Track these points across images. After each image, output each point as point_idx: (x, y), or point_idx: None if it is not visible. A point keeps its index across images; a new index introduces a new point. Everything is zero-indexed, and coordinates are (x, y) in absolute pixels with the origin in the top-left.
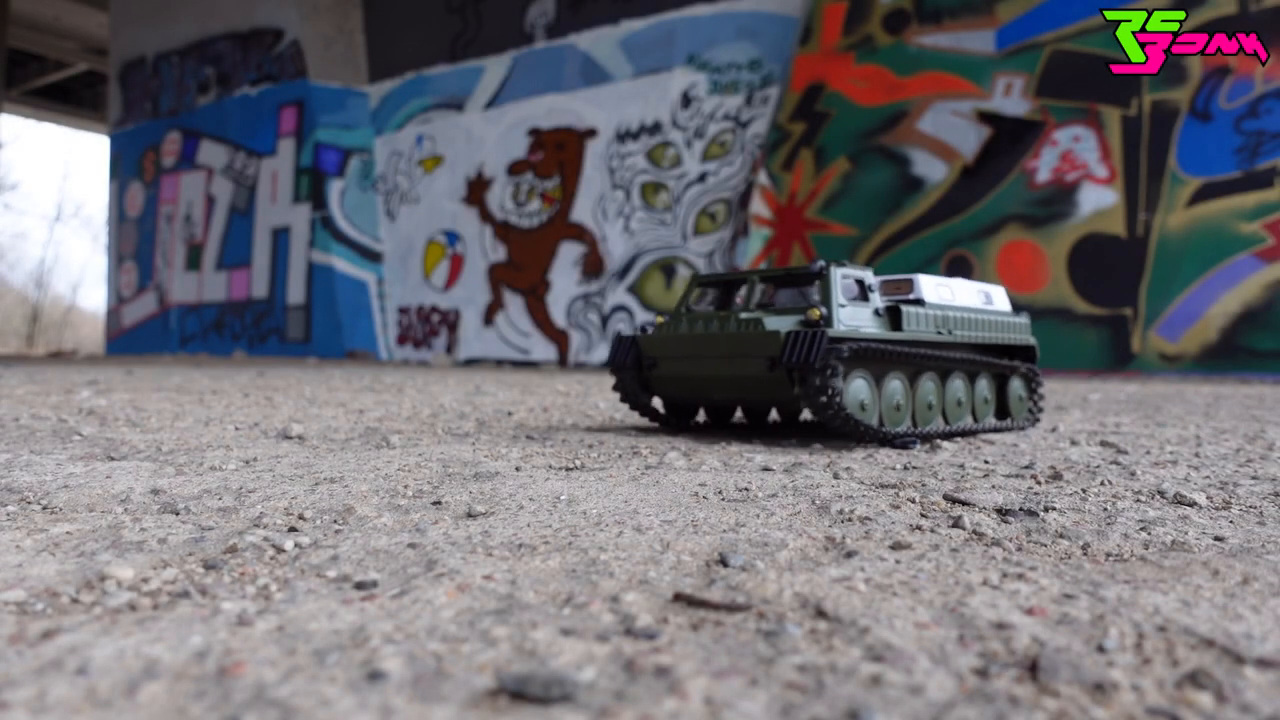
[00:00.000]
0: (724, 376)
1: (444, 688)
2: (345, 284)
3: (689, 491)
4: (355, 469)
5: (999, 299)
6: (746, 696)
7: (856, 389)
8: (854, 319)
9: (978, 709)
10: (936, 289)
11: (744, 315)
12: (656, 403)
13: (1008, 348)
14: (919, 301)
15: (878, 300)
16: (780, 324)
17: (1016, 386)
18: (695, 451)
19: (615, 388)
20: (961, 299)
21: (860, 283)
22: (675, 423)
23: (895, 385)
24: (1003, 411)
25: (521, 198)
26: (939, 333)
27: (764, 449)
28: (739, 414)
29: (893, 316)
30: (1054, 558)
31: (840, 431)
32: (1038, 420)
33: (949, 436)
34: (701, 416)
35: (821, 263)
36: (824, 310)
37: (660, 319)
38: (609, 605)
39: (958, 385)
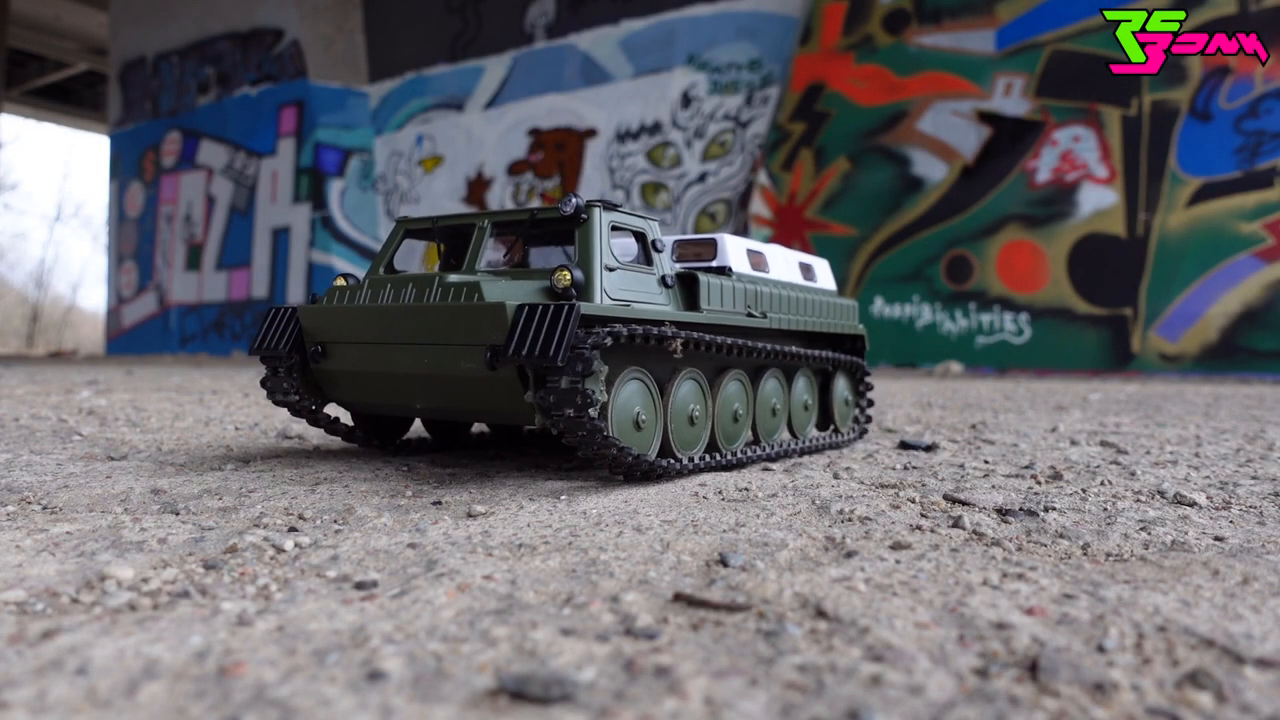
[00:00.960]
0: (423, 375)
1: (444, 688)
2: None
3: (689, 491)
4: (355, 469)
5: (823, 274)
6: (746, 696)
7: (628, 397)
8: (627, 289)
9: (978, 709)
10: (747, 255)
11: (454, 278)
12: (337, 412)
13: (833, 337)
14: (724, 270)
15: (667, 265)
16: (511, 292)
17: (841, 388)
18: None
19: (264, 385)
20: (779, 271)
21: (641, 237)
22: (374, 440)
23: (688, 389)
24: (824, 420)
25: (522, 198)
26: (750, 314)
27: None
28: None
29: (687, 289)
30: (1054, 558)
31: (595, 460)
32: (865, 431)
33: (760, 461)
34: (419, 431)
35: (577, 200)
36: (577, 274)
37: (342, 280)
38: (609, 605)
39: (772, 387)
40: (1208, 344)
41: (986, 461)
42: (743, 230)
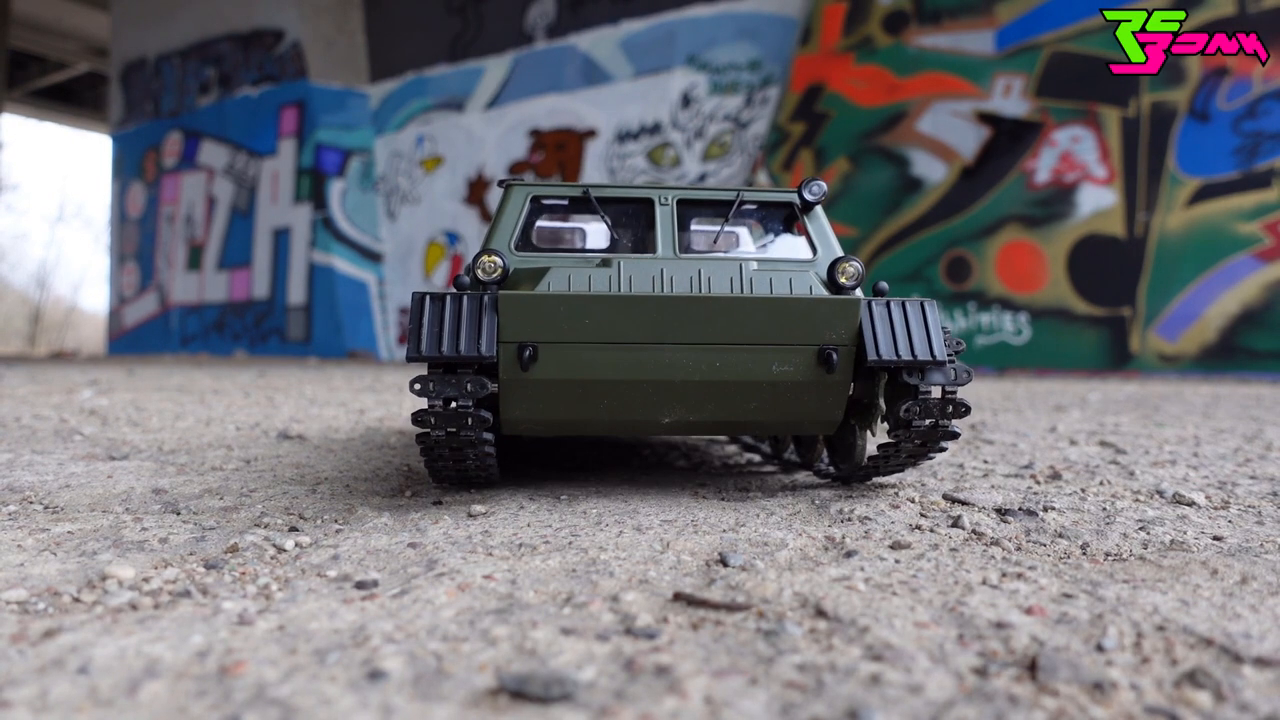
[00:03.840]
0: (703, 383)
1: (444, 687)
2: (346, 284)
3: (689, 491)
4: (356, 469)
5: None
6: (746, 696)
7: None
8: None
9: (977, 708)
10: None
11: (756, 267)
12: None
13: None
14: None
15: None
16: (815, 282)
17: None
18: (696, 450)
19: (428, 401)
20: None
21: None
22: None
23: None
24: None
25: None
26: None
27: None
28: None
29: None
30: (1053, 557)
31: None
32: None
33: None
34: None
35: (823, 185)
36: (859, 265)
37: (494, 258)
38: (609, 605)
39: None
40: (1206, 344)
41: (986, 461)
42: None
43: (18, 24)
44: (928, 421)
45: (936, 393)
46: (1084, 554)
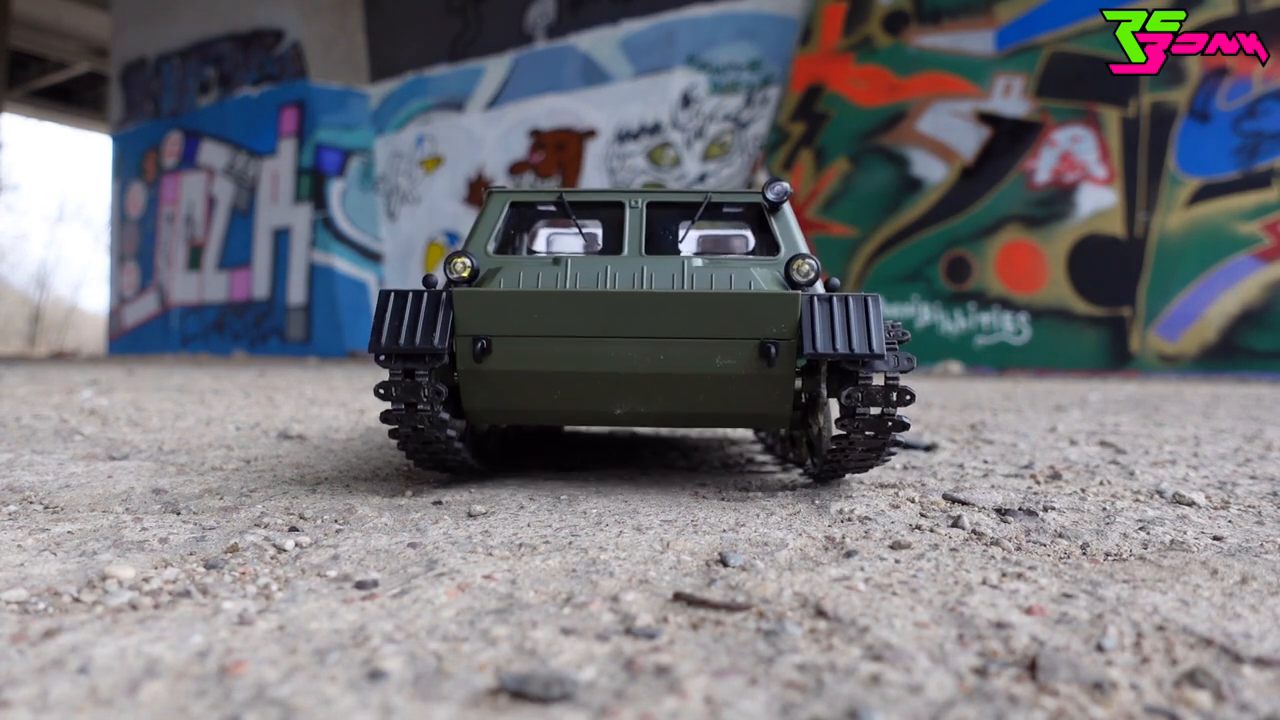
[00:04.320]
0: (649, 375)
1: (444, 687)
2: (346, 284)
3: (689, 491)
4: (356, 469)
5: None
6: (746, 696)
7: None
8: None
9: (977, 708)
10: None
11: (700, 263)
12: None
13: None
14: None
15: None
16: (757, 278)
17: None
18: (695, 450)
19: (389, 396)
20: None
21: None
22: (487, 466)
23: None
24: None
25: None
26: None
27: (761, 445)
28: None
29: None
30: (1053, 557)
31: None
32: None
33: None
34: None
35: (786, 185)
36: (815, 263)
37: (464, 259)
38: (609, 605)
39: None
40: (1206, 344)
41: (986, 461)
42: None
43: (18, 24)
44: (873, 410)
45: (879, 380)
46: (1084, 554)
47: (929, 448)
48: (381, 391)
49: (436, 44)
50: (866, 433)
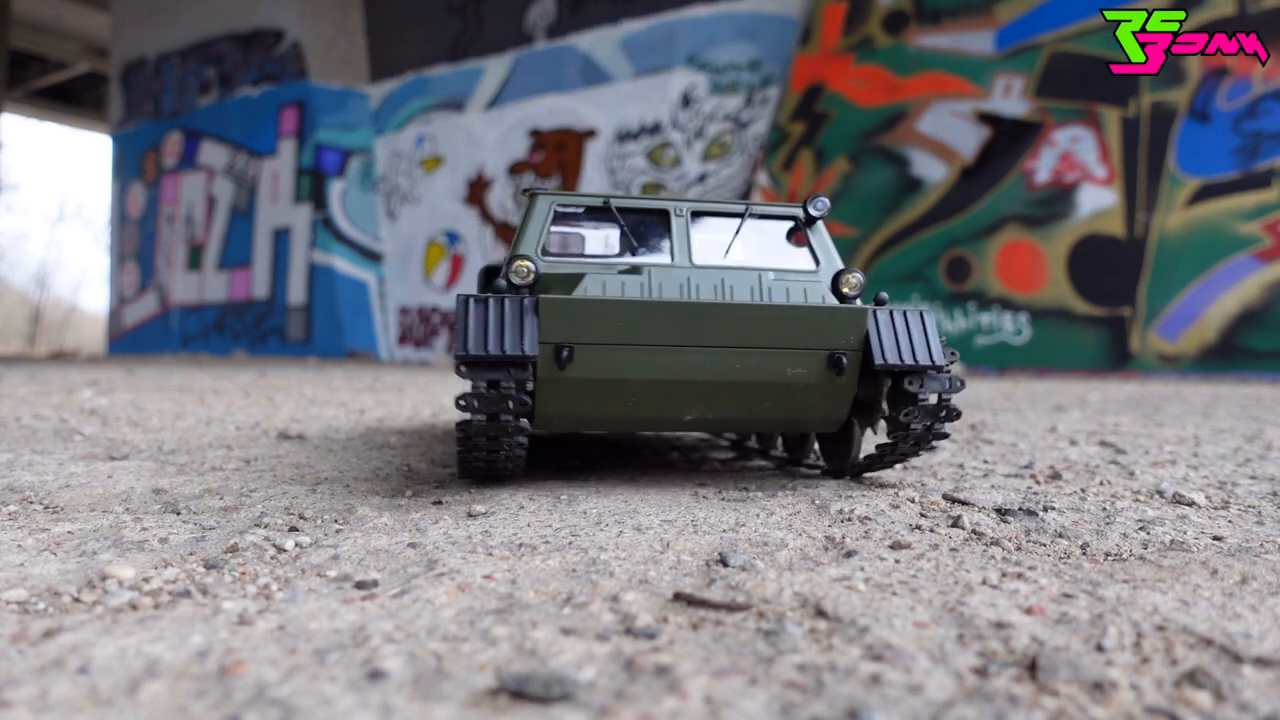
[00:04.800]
0: (721, 383)
1: (444, 687)
2: (346, 284)
3: (689, 491)
4: (356, 469)
5: None
6: (746, 696)
7: None
8: None
9: (977, 708)
10: None
11: (773, 276)
12: None
13: None
14: None
15: None
16: (825, 292)
17: None
18: (695, 449)
19: (474, 407)
20: None
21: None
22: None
23: None
24: None
25: (522, 198)
26: None
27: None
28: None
29: None
30: (1053, 557)
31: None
32: None
33: None
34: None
35: (824, 202)
36: (861, 276)
37: (524, 265)
38: (609, 605)
39: None
40: (1206, 344)
41: (986, 461)
42: None
43: (18, 24)
44: (924, 424)
45: (933, 399)
46: (1084, 554)
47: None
48: (464, 403)
49: (436, 44)
50: (911, 443)
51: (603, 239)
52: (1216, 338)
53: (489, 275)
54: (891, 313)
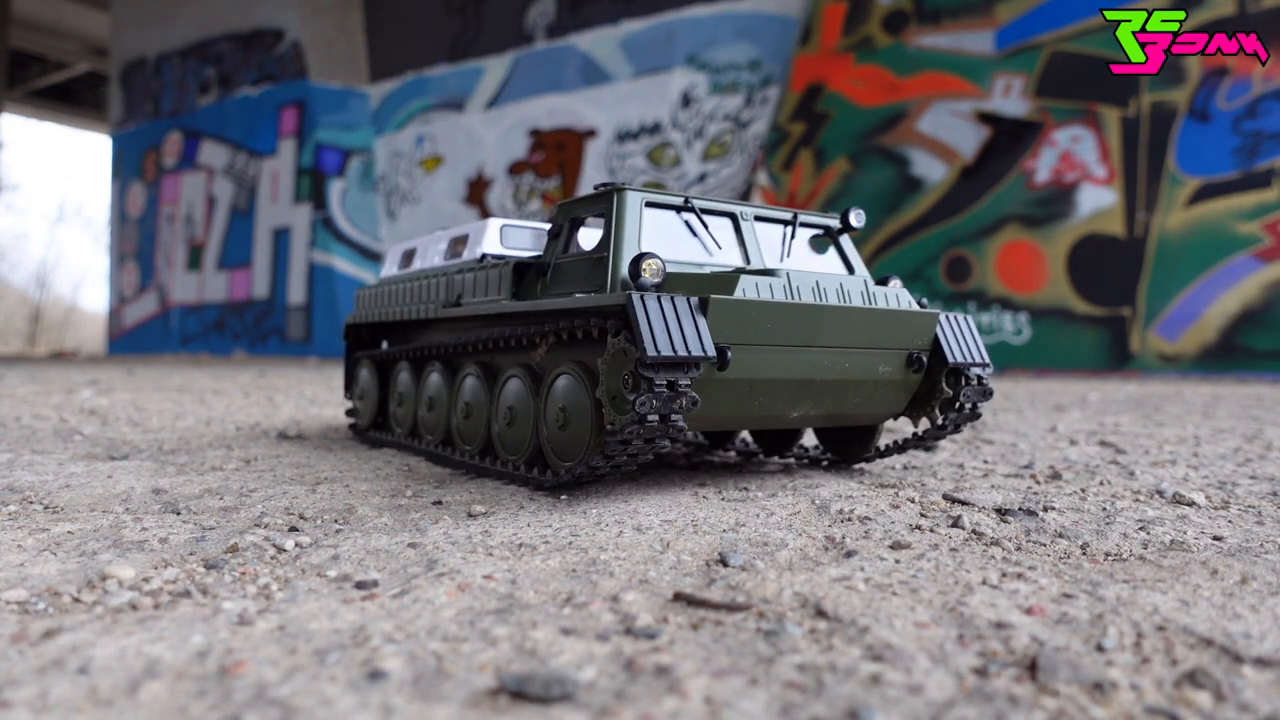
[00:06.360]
0: (830, 381)
1: (444, 687)
2: (346, 284)
3: (689, 491)
4: (356, 469)
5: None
6: (746, 696)
7: None
8: None
9: (977, 708)
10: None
11: (871, 282)
12: None
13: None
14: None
15: None
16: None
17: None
18: (695, 449)
19: (650, 407)
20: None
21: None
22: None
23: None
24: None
25: (522, 198)
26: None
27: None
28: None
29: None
30: (1053, 557)
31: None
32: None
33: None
34: None
35: (861, 215)
36: (897, 282)
37: (656, 265)
38: (609, 605)
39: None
40: (1206, 344)
41: (986, 461)
42: None
43: (18, 24)
44: (973, 402)
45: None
46: (1084, 554)
47: (929, 448)
48: (642, 403)
49: (436, 44)
50: (960, 424)
51: (685, 239)
52: (1216, 338)
53: (518, 273)
54: (952, 318)
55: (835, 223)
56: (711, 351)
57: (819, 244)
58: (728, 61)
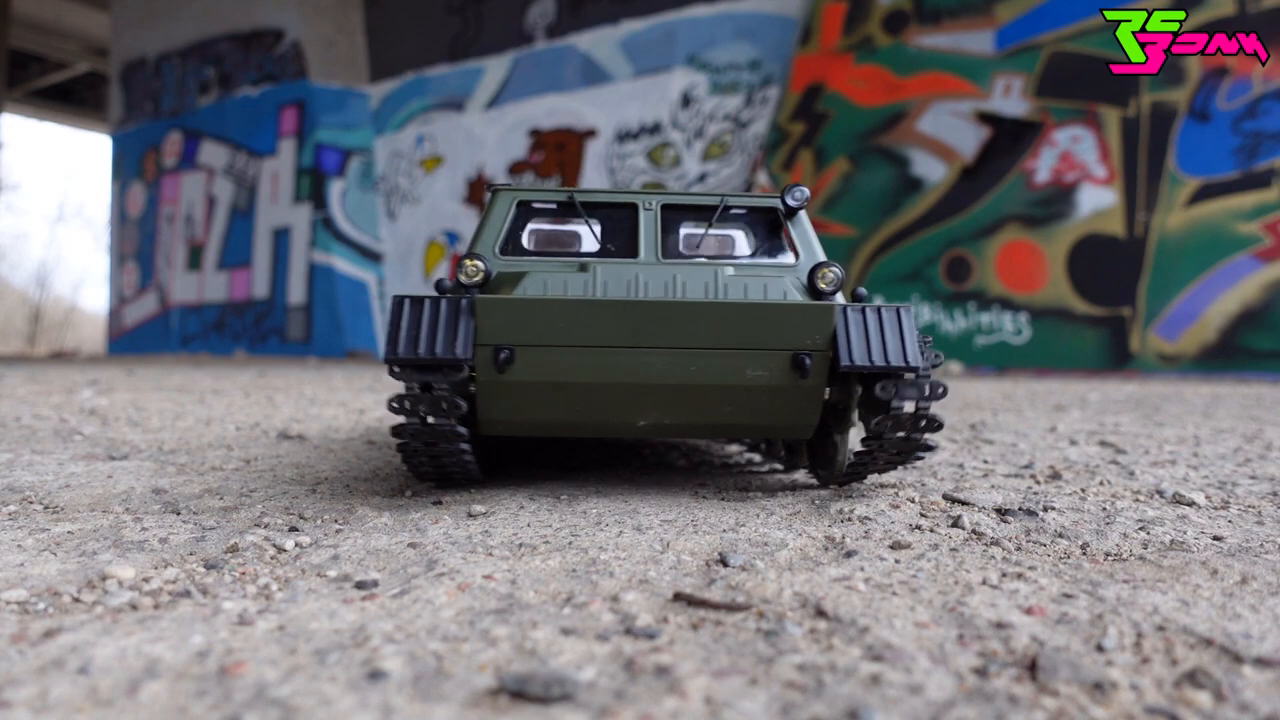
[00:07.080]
0: (674, 386)
1: (444, 687)
2: (346, 284)
3: (689, 491)
4: (356, 469)
5: None
6: (746, 696)
7: None
8: None
9: (977, 708)
10: None
11: (731, 271)
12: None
13: None
14: None
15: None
16: (789, 288)
17: None
18: (695, 450)
19: (405, 410)
20: None
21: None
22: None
23: None
24: None
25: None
26: None
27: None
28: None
29: None
30: (1053, 557)
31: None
32: None
33: None
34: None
35: (803, 191)
36: (839, 271)
37: (473, 264)
38: (609, 605)
39: None
40: (1206, 344)
41: (986, 461)
42: None
43: (18, 24)
44: (899, 434)
45: (909, 407)
46: (1084, 554)
47: (929, 447)
48: (396, 405)
49: (436, 44)
50: (891, 451)
51: (569, 236)
52: (1216, 338)
53: None
54: (865, 310)
55: (777, 203)
56: (465, 353)
57: (753, 229)
58: (728, 61)
